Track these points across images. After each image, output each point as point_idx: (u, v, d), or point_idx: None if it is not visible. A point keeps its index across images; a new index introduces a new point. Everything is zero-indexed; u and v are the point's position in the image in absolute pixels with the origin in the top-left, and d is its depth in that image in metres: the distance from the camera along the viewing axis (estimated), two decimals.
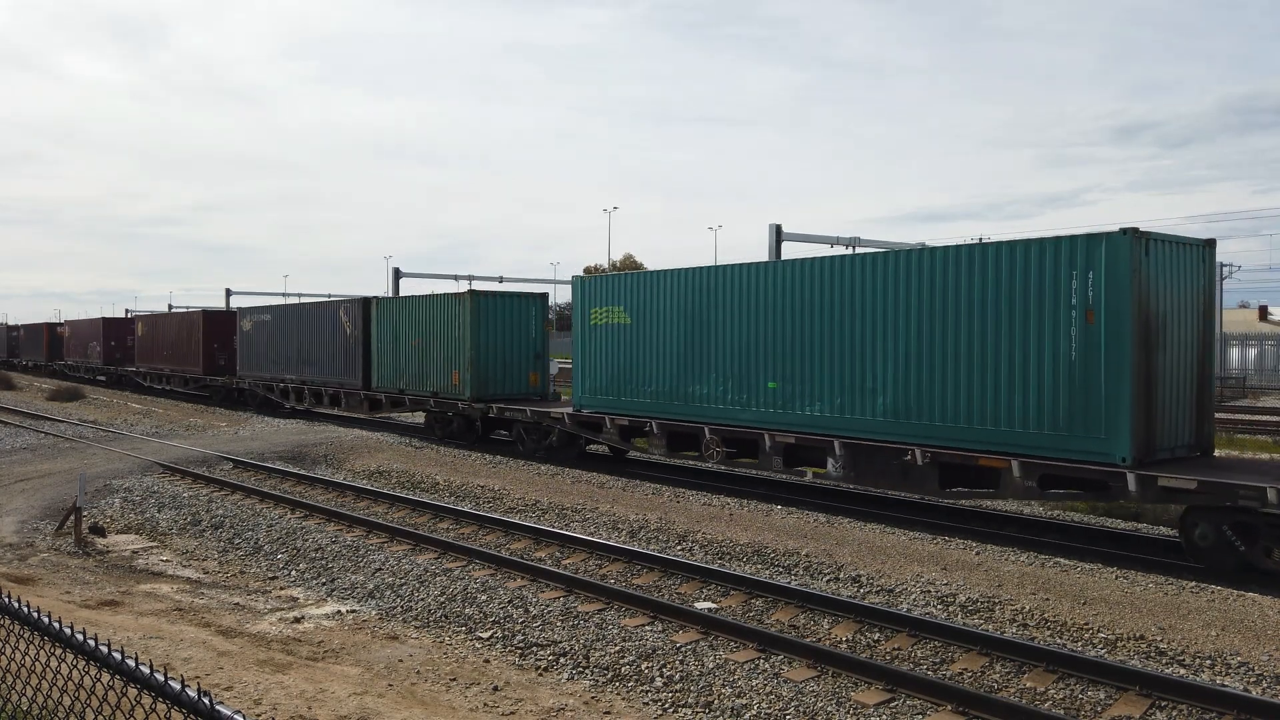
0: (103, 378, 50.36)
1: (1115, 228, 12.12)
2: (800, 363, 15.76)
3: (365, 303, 27.36)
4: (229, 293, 57.69)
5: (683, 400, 17.78)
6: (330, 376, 28.79)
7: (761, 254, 24.02)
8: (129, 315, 52.38)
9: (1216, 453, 14.02)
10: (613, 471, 19.22)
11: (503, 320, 23.41)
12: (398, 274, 44.42)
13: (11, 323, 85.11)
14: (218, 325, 37.77)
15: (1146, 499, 12.07)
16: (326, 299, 35.89)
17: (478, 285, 40.13)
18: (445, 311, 23.84)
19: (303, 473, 19.47)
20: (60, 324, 62.37)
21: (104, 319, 51.71)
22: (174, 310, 56.53)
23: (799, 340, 15.80)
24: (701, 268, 17.56)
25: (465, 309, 23.03)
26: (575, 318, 20.08)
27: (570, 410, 20.28)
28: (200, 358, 37.55)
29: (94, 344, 50.25)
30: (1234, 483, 11.02)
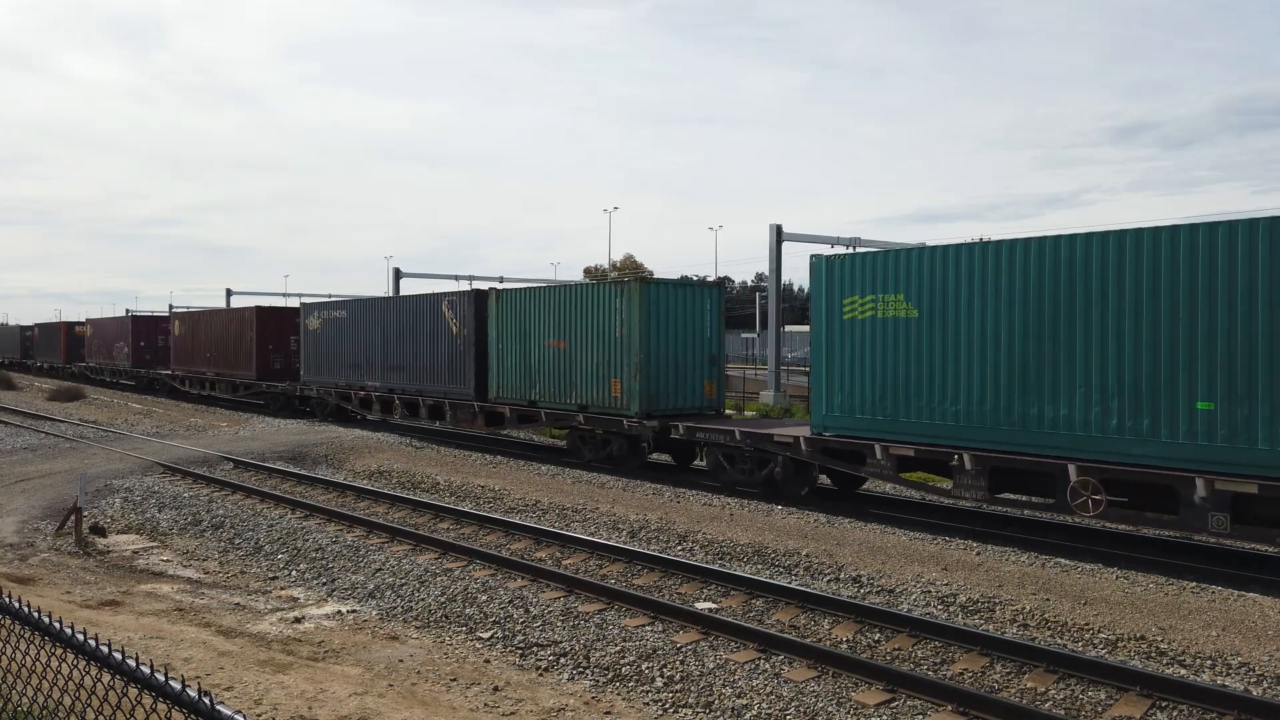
0: (130, 382, 46.49)
1: None
2: (1273, 373, 10.88)
3: (479, 296, 23.20)
4: (229, 293, 57.64)
5: (1018, 424, 13.01)
6: (429, 384, 24.73)
7: (762, 254, 24.02)
8: (171, 311, 47.21)
9: None
10: (615, 473, 19.22)
11: (675, 315, 19.23)
12: (398, 274, 44.24)
13: (22, 322, 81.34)
14: (274, 323, 33.87)
15: None
16: (429, 290, 31.34)
17: (478, 285, 39.72)
18: (600, 305, 19.54)
19: (303, 473, 19.48)
20: (80, 323, 57.37)
21: (133, 317, 47.70)
22: (218, 306, 52.00)
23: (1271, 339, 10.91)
24: (1059, 236, 12.72)
25: (631, 301, 18.77)
26: (817, 311, 15.42)
27: (808, 433, 15.68)
28: (253, 360, 33.53)
29: (120, 345, 46.23)
30: None
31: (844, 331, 15.04)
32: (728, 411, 22.30)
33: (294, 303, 29.03)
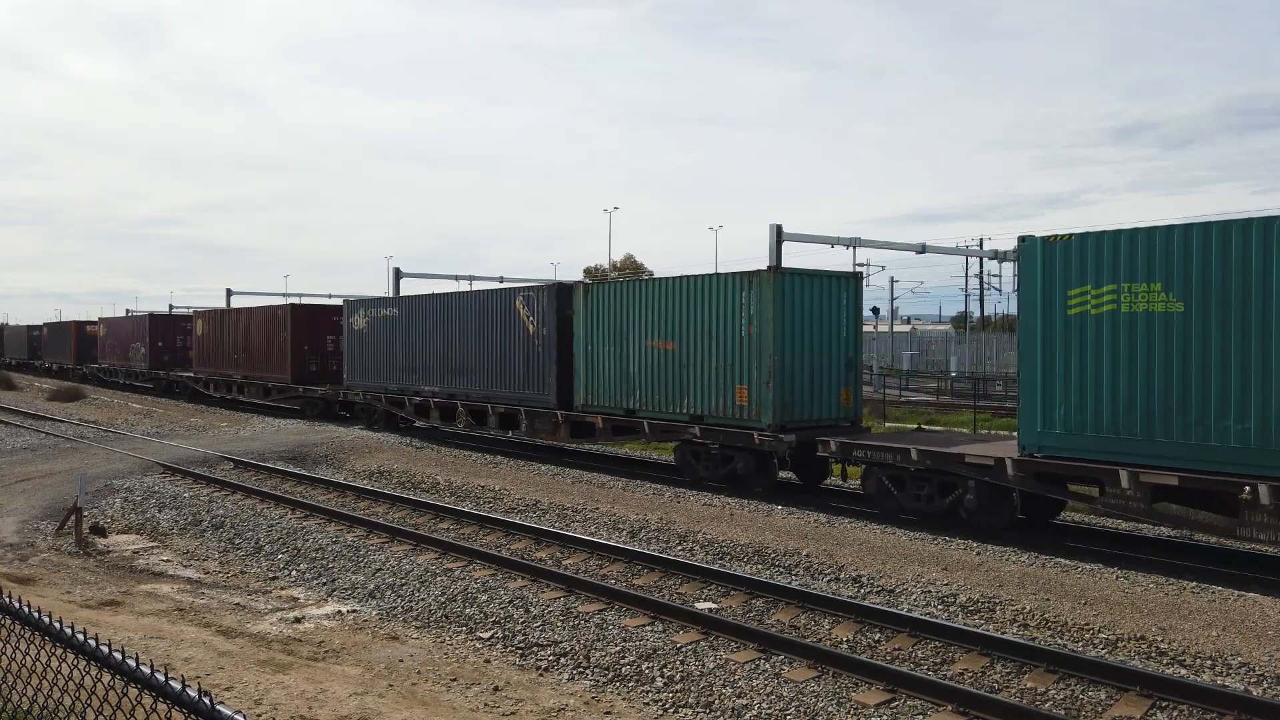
0: (148, 385, 43.61)
1: None
2: None
3: (562, 290, 20.63)
4: (229, 293, 57.60)
5: None
6: (499, 389, 22.00)
7: (762, 254, 23.97)
8: (195, 310, 43.94)
9: None
10: (613, 472, 19.22)
11: (810, 310, 16.62)
12: (398, 274, 44.37)
13: (20, 322, 79.21)
14: (310, 322, 31.46)
15: None
16: (499, 285, 29.35)
17: (478, 285, 39.54)
18: (720, 299, 16.96)
19: (303, 473, 19.48)
20: (91, 322, 54.49)
21: (150, 315, 44.66)
22: (249, 305, 48.94)
23: None
24: None
25: (762, 294, 16.14)
26: (1028, 304, 12.68)
27: (1016, 455, 12.94)
28: (288, 362, 31.03)
29: (137, 345, 43.48)
30: None
31: (1069, 329, 12.22)
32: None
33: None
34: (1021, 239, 12.96)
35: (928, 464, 13.90)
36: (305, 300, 45.62)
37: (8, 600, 3.53)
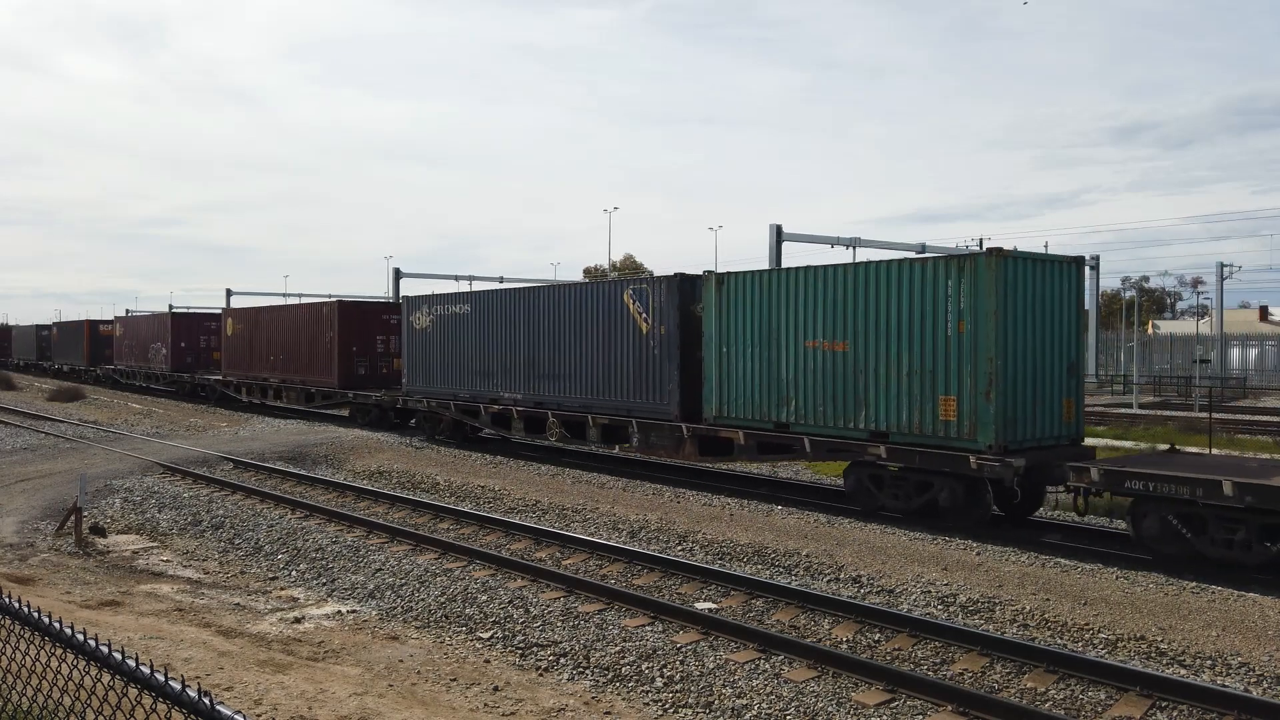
0: (169, 388, 41.07)
1: None
2: None
3: (684, 282, 17.79)
4: (229, 293, 57.48)
5: None
6: (603, 397, 19.19)
7: (762, 254, 23.88)
8: (226, 308, 41.46)
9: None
10: (614, 472, 19.22)
11: (1032, 304, 13.67)
12: (398, 274, 44.11)
13: (20, 322, 76.92)
14: (359, 321, 29.01)
15: None
16: (602, 278, 27.20)
17: (478, 286, 39.23)
18: (915, 289, 13.90)
19: (303, 473, 19.48)
20: (105, 321, 52.32)
21: (172, 314, 42.58)
22: (287, 301, 47.08)
23: None
24: None
25: (978, 283, 13.19)
26: None
27: None
28: (334, 365, 28.41)
29: (157, 346, 40.99)
30: None
31: None
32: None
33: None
34: None
35: (1248, 502, 10.72)
36: (306, 300, 45.25)
37: (8, 600, 3.53)
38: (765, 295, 16.03)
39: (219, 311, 42.10)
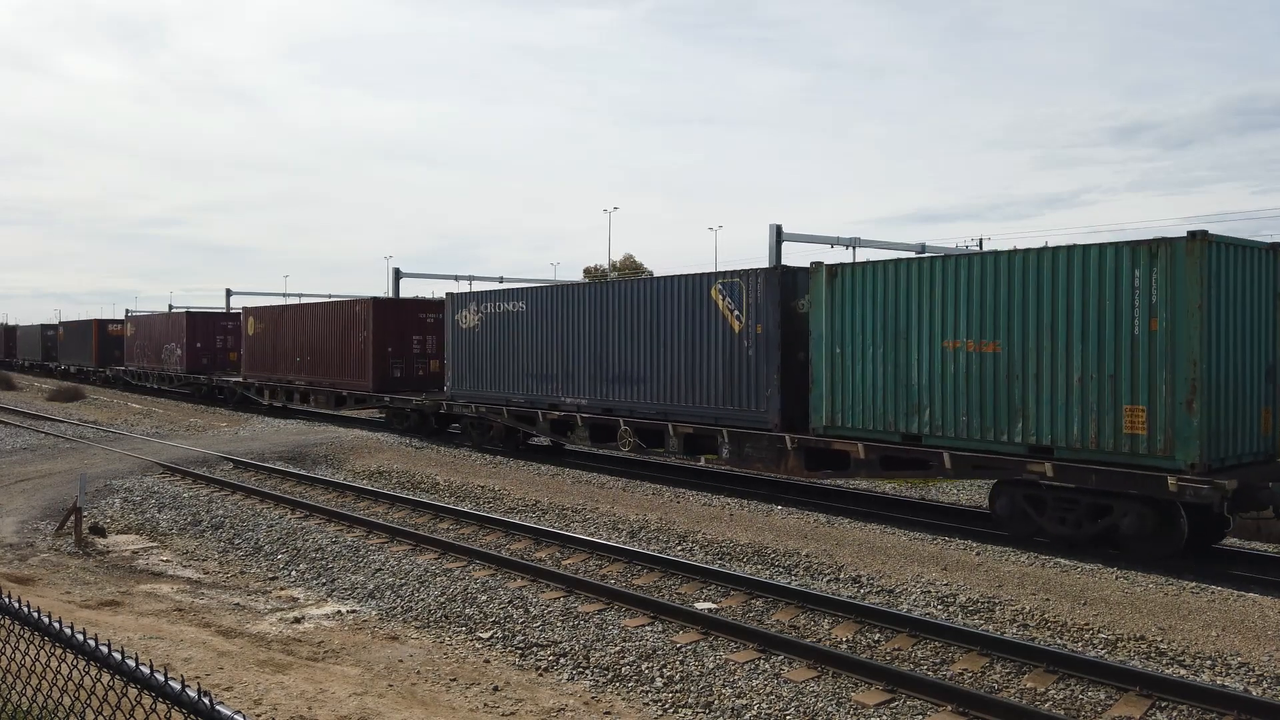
0: (184, 390, 39.28)
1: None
2: None
3: (786, 275, 16.08)
4: (229, 293, 57.47)
5: None
6: (684, 403, 17.51)
7: (762, 254, 23.79)
8: (246, 306, 38.27)
9: None
10: (613, 472, 19.21)
11: (1233, 299, 11.95)
12: (398, 274, 44.22)
13: (23, 323, 75.26)
14: (395, 319, 27.18)
15: None
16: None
17: (478, 286, 39.29)
18: (1090, 281, 12.13)
19: (303, 473, 19.47)
20: (114, 321, 50.59)
21: (188, 313, 40.60)
22: (316, 299, 43.84)
23: None
24: None
25: (1179, 273, 11.40)
26: None
27: None
28: (368, 367, 26.64)
29: (172, 346, 39.45)
30: None
31: None
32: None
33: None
34: None
35: None
36: (307, 299, 45.05)
37: (8, 600, 3.53)
38: (891, 289, 14.16)
39: (236, 311, 40.60)
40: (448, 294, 24.74)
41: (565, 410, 20.10)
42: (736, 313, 16.56)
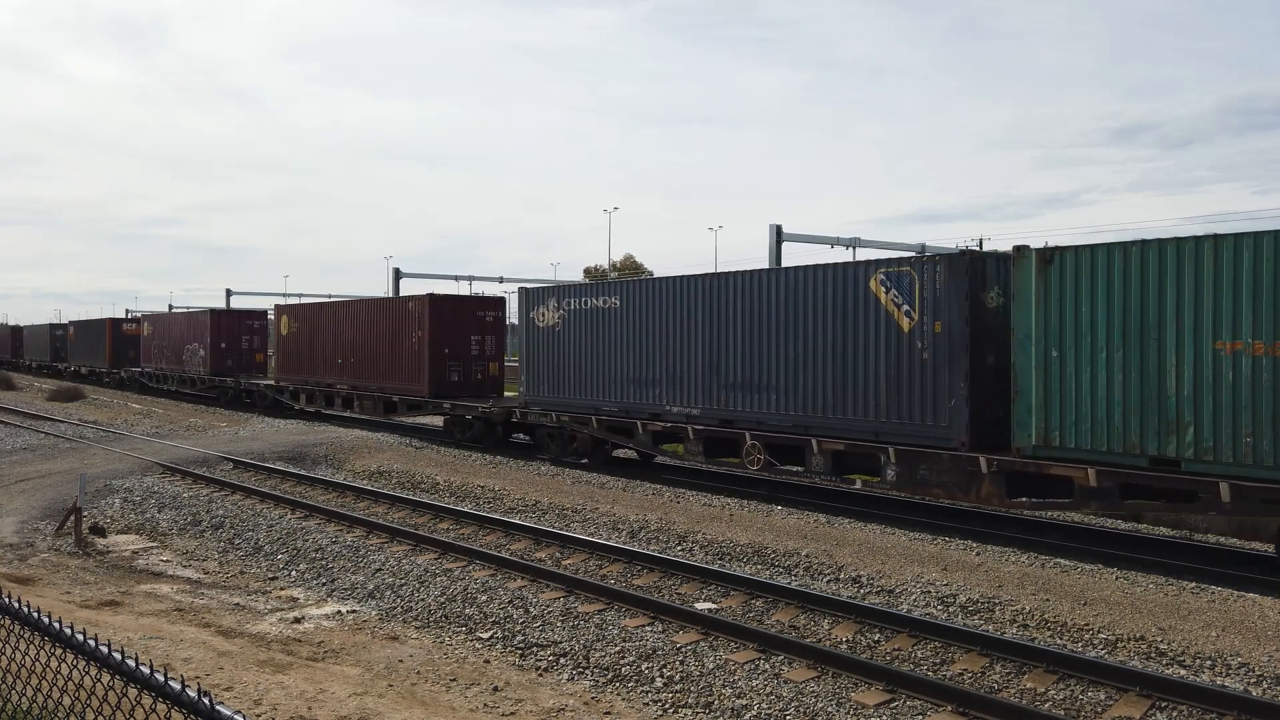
0: (208, 393, 37.01)
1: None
2: None
3: (974, 264, 13.62)
4: (229, 293, 57.40)
5: None
6: (832, 414, 15.10)
7: (762, 254, 23.73)
8: (279, 305, 35.63)
9: None
10: (613, 473, 19.20)
11: None
12: (398, 274, 44.05)
13: (26, 322, 72.95)
14: (452, 318, 24.86)
15: None
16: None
17: (478, 286, 39.02)
18: None
19: (303, 473, 19.47)
20: (129, 320, 48.62)
21: (211, 311, 38.33)
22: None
23: None
24: None
25: None
26: None
27: None
28: (424, 370, 24.37)
29: (194, 347, 37.19)
30: None
31: None
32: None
33: (293, 303, 23.19)
34: None
35: None
36: (307, 299, 44.84)
37: (8, 600, 3.53)
38: (1133, 277, 11.74)
39: (262, 309, 39.58)
40: (520, 289, 22.46)
41: (671, 421, 17.83)
42: (905, 308, 14.04)
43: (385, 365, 25.98)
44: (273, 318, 34.28)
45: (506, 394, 25.40)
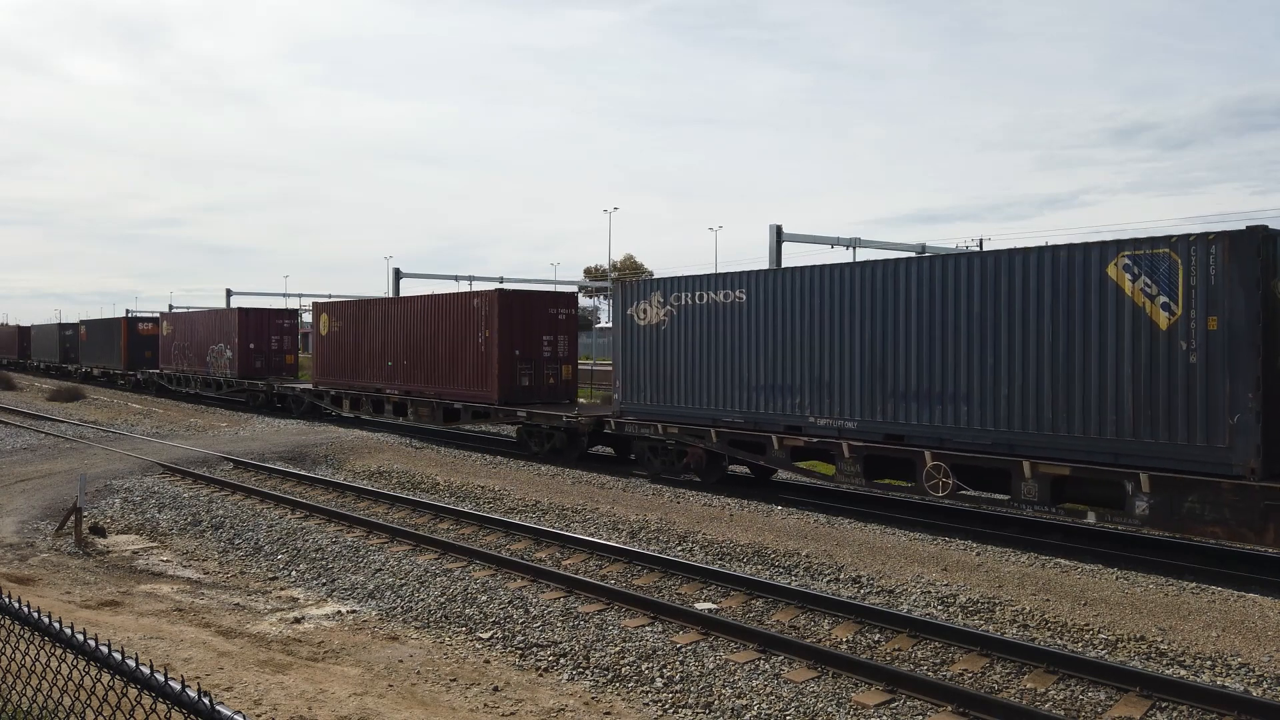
0: (235, 397, 35.16)
1: None
2: None
3: (1265, 244, 11.04)
4: (229, 293, 57.48)
5: None
6: (1052, 431, 12.59)
7: (762, 255, 23.67)
8: (318, 303, 31.72)
9: None
10: (613, 472, 19.19)
11: None
12: (398, 274, 44.16)
13: (21, 322, 70.99)
14: (522, 316, 22.76)
15: None
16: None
17: (478, 286, 39.06)
18: None
19: (303, 473, 19.46)
20: (145, 318, 46.44)
21: (240, 310, 35.44)
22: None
23: None
24: None
25: None
26: None
27: None
28: (492, 373, 22.30)
29: (220, 347, 35.21)
30: None
31: None
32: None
33: (293, 303, 22.53)
34: None
35: None
36: (307, 299, 44.57)
37: (8, 600, 3.53)
38: None
39: (292, 308, 37.43)
40: (615, 282, 20.35)
41: (816, 435, 15.32)
42: (1162, 299, 11.57)
43: (445, 368, 23.95)
44: (309, 316, 32.42)
45: (581, 400, 23.59)
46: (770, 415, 16.12)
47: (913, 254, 15.62)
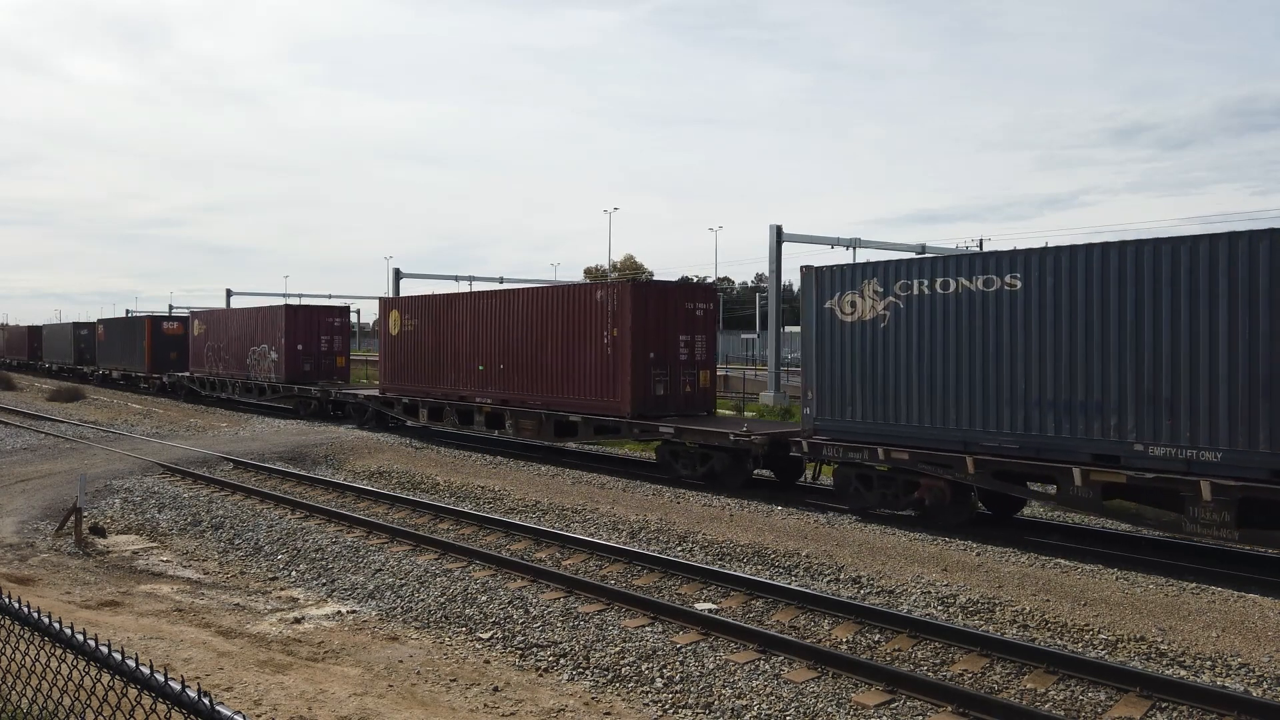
0: (282, 404, 31.89)
1: None
2: None
3: None
4: (229, 293, 57.42)
5: None
6: None
7: (762, 255, 23.69)
8: (387, 297, 30.20)
9: None
10: (613, 473, 19.19)
11: None
12: (398, 274, 43.97)
13: (23, 322, 69.00)
14: (657, 311, 19.37)
15: None
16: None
17: (478, 286, 38.81)
18: None
19: (303, 473, 19.46)
20: (172, 317, 44.40)
21: (286, 307, 32.11)
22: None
23: None
24: None
25: None
26: None
27: None
28: (617, 381, 19.07)
29: (264, 348, 32.14)
30: None
31: None
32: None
33: (293, 303, 20.85)
34: None
35: None
36: (306, 300, 44.45)
37: (8, 600, 3.53)
38: None
39: (344, 305, 34.31)
40: (806, 268, 15.72)
41: (1148, 468, 11.65)
42: None
43: (557, 373, 20.51)
44: (377, 314, 29.54)
45: (720, 412, 20.70)
46: (1064, 440, 12.48)
47: None
